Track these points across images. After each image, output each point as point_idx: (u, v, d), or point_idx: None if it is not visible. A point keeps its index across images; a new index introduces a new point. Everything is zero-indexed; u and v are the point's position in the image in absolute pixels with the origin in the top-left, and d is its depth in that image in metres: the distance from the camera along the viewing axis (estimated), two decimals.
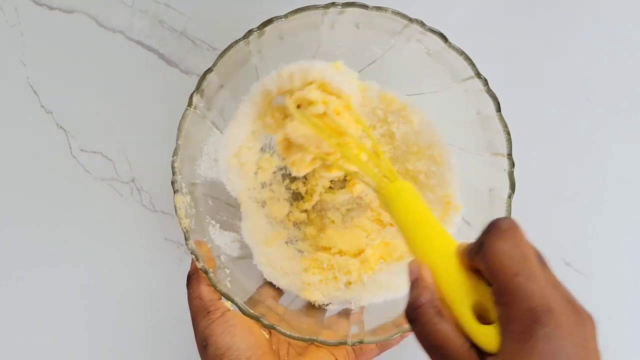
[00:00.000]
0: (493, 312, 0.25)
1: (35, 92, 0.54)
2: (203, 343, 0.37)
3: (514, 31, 0.54)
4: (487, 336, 0.25)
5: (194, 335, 0.38)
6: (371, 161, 0.36)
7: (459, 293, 0.27)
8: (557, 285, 0.25)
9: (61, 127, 0.54)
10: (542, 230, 0.52)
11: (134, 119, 0.54)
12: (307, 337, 0.37)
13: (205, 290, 0.38)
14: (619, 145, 0.53)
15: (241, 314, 0.38)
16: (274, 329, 0.37)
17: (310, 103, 0.38)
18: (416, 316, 0.27)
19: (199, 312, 0.38)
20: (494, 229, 0.26)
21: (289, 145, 0.40)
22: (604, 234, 0.52)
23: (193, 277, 0.39)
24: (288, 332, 0.37)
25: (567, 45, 0.54)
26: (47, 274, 0.53)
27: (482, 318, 0.26)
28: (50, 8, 0.55)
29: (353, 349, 0.41)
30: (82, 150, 0.54)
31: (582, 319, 0.24)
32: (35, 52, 0.55)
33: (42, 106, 0.54)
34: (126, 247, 0.53)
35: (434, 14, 0.53)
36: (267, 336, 0.39)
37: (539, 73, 0.54)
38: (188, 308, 0.39)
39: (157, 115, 0.53)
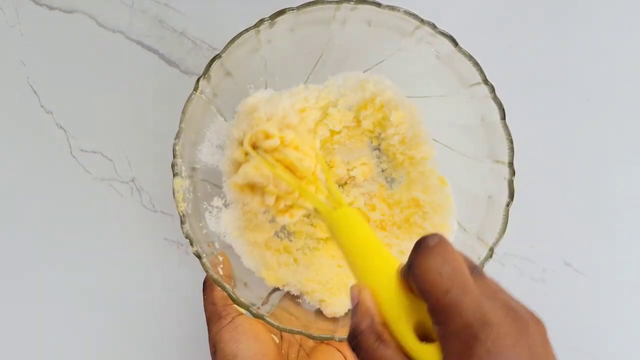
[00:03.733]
0: (434, 332, 0.25)
1: (35, 92, 0.54)
2: (212, 349, 0.37)
3: (514, 31, 0.54)
4: (429, 357, 0.24)
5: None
6: (319, 188, 0.36)
7: (399, 314, 0.26)
8: (495, 294, 0.24)
9: (61, 127, 0.54)
10: (542, 230, 0.52)
11: (134, 119, 0.54)
12: (296, 329, 0.37)
13: (218, 296, 0.39)
14: (618, 144, 0.53)
15: (251, 320, 0.38)
16: (263, 319, 0.37)
17: (267, 137, 0.38)
18: (357, 344, 0.26)
19: (212, 318, 0.38)
20: (421, 248, 0.25)
21: (247, 188, 0.39)
22: (603, 234, 0.52)
23: (208, 283, 0.40)
24: (276, 324, 0.37)
25: (567, 45, 0.54)
26: (46, 274, 0.53)
27: (428, 338, 0.25)
28: (50, 8, 0.55)
29: None
30: (82, 150, 0.54)
31: (525, 324, 0.23)
32: (35, 52, 0.55)
33: (42, 106, 0.54)
34: (126, 247, 0.53)
35: (434, 14, 0.53)
36: (277, 340, 0.39)
37: (538, 73, 0.54)
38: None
39: (157, 115, 0.53)
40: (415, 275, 0.24)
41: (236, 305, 0.38)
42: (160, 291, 0.52)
